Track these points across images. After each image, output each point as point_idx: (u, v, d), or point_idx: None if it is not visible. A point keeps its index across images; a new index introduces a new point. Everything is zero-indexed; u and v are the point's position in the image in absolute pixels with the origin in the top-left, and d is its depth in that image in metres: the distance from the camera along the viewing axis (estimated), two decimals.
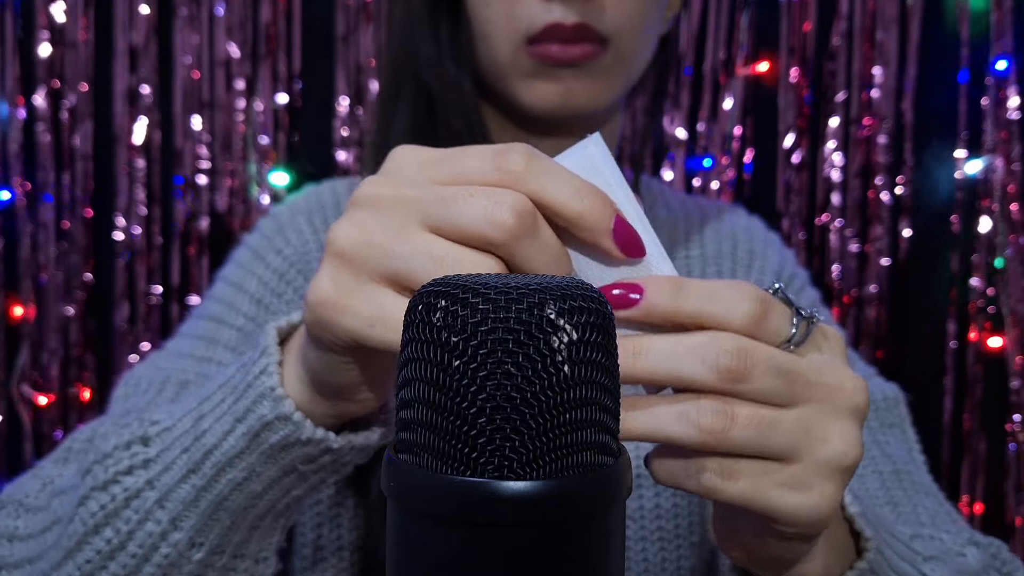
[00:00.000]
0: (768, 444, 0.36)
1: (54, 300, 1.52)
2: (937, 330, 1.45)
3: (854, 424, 0.38)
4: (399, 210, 0.37)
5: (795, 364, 0.37)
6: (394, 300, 0.37)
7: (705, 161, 1.48)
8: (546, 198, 0.36)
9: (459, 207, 0.36)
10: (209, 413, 0.46)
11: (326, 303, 0.37)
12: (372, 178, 0.39)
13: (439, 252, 0.36)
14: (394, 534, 0.29)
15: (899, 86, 1.44)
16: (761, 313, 0.37)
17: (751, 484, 0.36)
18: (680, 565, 0.71)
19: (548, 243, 0.37)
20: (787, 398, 0.37)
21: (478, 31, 0.67)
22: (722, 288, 0.37)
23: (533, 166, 0.37)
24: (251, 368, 0.45)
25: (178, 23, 1.50)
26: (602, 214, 0.37)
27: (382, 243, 0.37)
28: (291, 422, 0.43)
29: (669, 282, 0.37)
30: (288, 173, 1.52)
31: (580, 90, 0.65)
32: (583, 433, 0.28)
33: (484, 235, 0.36)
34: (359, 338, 0.37)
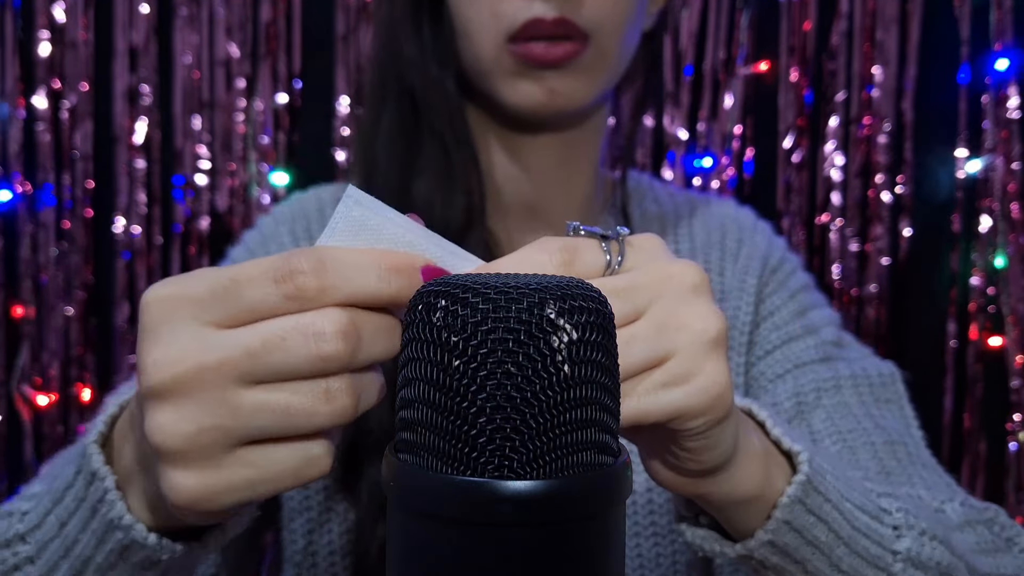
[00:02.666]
0: (636, 358, 0.37)
1: (54, 300, 1.52)
2: (937, 329, 1.45)
3: (702, 299, 0.39)
4: (210, 382, 0.34)
5: (622, 281, 0.38)
6: (260, 455, 0.35)
7: (705, 161, 1.48)
8: (356, 300, 0.35)
9: (277, 357, 0.34)
10: (69, 521, 0.45)
11: (199, 500, 0.35)
12: (151, 356, 0.34)
13: (282, 403, 0.34)
14: (394, 534, 0.29)
15: (899, 86, 1.44)
16: (570, 257, 0.38)
17: (638, 398, 0.37)
18: (675, 560, 0.71)
19: (379, 331, 0.35)
20: (633, 311, 0.38)
21: (460, 30, 0.67)
22: (528, 252, 0.38)
23: (324, 277, 0.34)
24: (88, 491, 0.43)
25: (178, 23, 1.50)
26: (411, 282, 0.35)
27: (216, 423, 0.34)
28: (147, 546, 0.41)
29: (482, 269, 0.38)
30: (288, 173, 1.52)
31: (563, 89, 0.65)
32: (583, 433, 0.28)
33: (317, 371, 0.34)
34: (246, 501, 0.36)
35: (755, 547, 0.45)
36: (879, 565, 0.47)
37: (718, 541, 0.47)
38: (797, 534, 0.45)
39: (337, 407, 0.34)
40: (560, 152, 0.72)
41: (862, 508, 0.48)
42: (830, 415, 0.68)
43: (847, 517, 0.47)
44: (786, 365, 0.72)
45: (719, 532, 0.48)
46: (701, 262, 0.78)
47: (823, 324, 0.76)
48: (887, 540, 0.48)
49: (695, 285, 0.39)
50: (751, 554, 0.46)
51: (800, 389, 0.70)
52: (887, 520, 0.49)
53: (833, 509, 0.46)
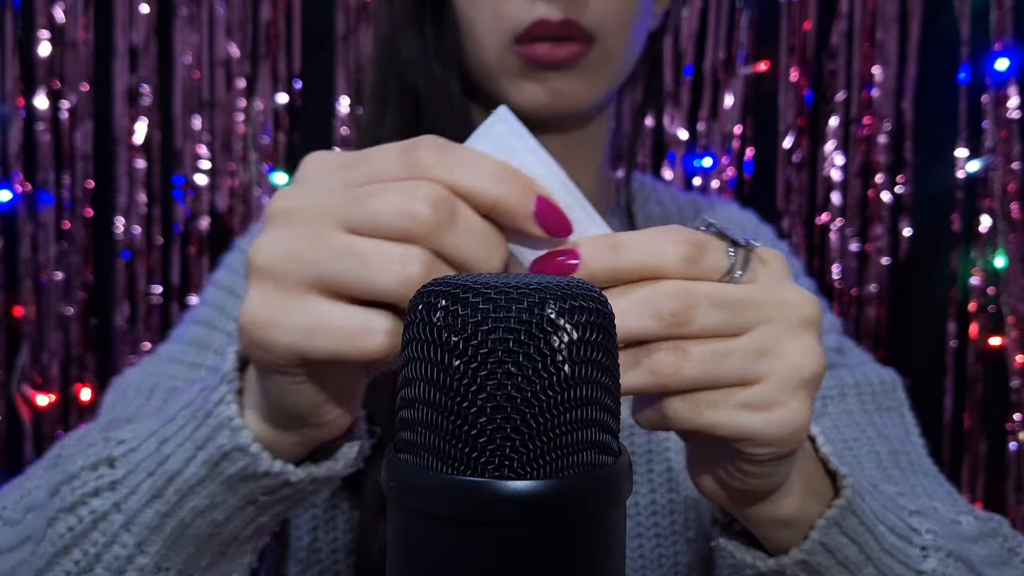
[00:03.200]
0: (724, 372, 0.37)
1: (54, 300, 1.52)
2: (937, 329, 1.45)
3: (809, 336, 0.38)
4: (314, 218, 0.36)
5: (737, 293, 0.37)
6: (328, 307, 0.36)
7: (705, 160, 1.48)
8: (460, 187, 0.36)
9: (373, 205, 0.35)
10: (172, 437, 0.45)
11: (257, 322, 0.36)
12: (283, 190, 0.38)
13: (361, 250, 0.35)
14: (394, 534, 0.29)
15: (899, 85, 1.44)
16: (696, 254, 0.37)
17: (715, 410, 0.37)
18: (677, 561, 0.71)
19: (471, 227, 0.36)
20: (737, 326, 0.37)
21: (464, 31, 0.66)
22: (655, 237, 0.37)
23: (443, 157, 0.36)
24: (210, 395, 0.44)
25: (178, 23, 1.50)
26: (521, 197, 0.36)
27: (302, 253, 0.36)
28: (248, 454, 0.42)
29: (603, 241, 0.37)
30: (288, 173, 1.52)
31: (568, 90, 0.65)
32: (583, 432, 0.28)
33: (402, 228, 0.35)
34: (299, 351, 0.36)
35: (788, 564, 0.45)
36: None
37: (749, 552, 0.47)
38: (830, 554, 0.45)
39: (408, 272, 0.35)
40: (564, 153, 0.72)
41: (893, 529, 0.48)
42: (835, 423, 0.68)
43: (878, 539, 0.47)
44: None
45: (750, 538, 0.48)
46: None
47: (825, 331, 0.76)
48: (914, 560, 0.48)
49: (807, 319, 0.38)
50: (783, 570, 0.46)
51: None
52: (916, 540, 0.49)
53: (867, 531, 0.46)
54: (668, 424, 0.38)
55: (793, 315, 0.38)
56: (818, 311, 0.39)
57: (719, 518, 0.50)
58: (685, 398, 0.37)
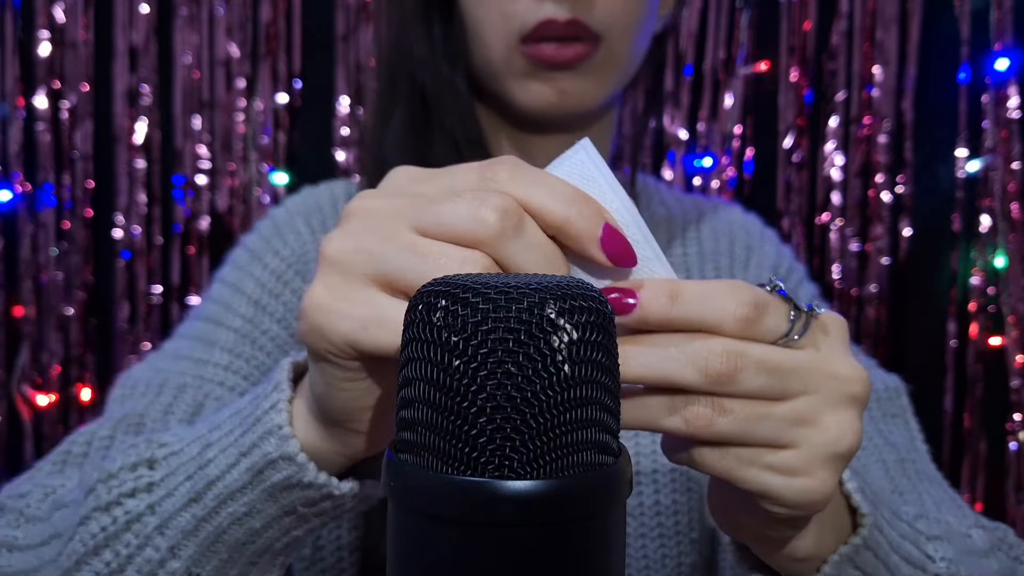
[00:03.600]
0: (757, 434, 0.37)
1: (54, 300, 1.52)
2: (937, 329, 1.45)
3: (851, 411, 0.38)
4: (388, 217, 0.37)
5: (788, 360, 0.37)
6: (387, 301, 0.37)
7: (705, 160, 1.48)
8: (531, 204, 0.37)
9: (444, 208, 0.36)
10: (216, 443, 0.45)
11: (319, 307, 0.37)
12: (366, 191, 0.40)
13: (425, 248, 0.36)
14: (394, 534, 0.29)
15: (899, 85, 1.44)
16: (755, 316, 0.37)
17: (742, 466, 0.37)
18: (680, 562, 0.71)
19: (536, 242, 0.37)
20: (780, 392, 0.37)
21: (471, 31, 0.67)
22: (717, 291, 0.37)
23: (517, 173, 0.37)
24: (261, 402, 0.44)
25: (178, 23, 1.50)
26: (589, 222, 0.37)
27: (370, 247, 0.37)
28: (295, 463, 0.42)
29: (664, 287, 0.37)
30: (288, 173, 1.52)
31: (574, 90, 0.65)
32: (583, 432, 0.28)
33: (469, 232, 0.36)
34: (353, 341, 0.37)
35: None
36: None
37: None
38: None
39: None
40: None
41: (908, 559, 0.48)
42: None
43: (891, 570, 0.47)
44: None
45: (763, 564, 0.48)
46: (710, 268, 0.77)
47: None
48: None
49: (854, 396, 0.38)
50: None
51: None
52: (930, 568, 0.49)
53: (880, 564, 0.46)
54: (695, 466, 0.39)
55: (840, 390, 0.38)
56: (867, 388, 0.39)
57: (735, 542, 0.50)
58: (715, 448, 0.38)
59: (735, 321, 0.37)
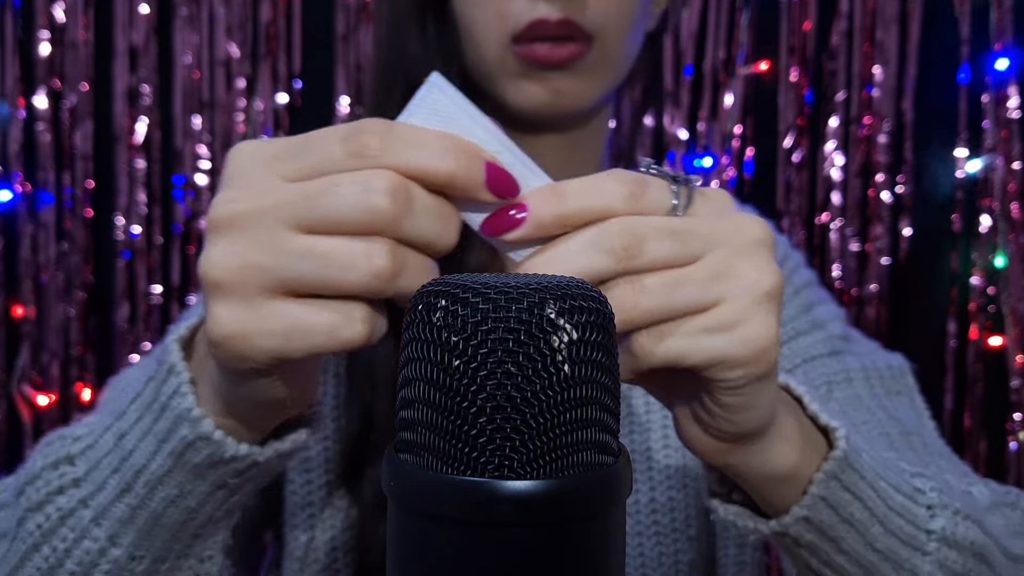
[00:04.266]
0: (682, 300, 0.37)
1: (54, 300, 1.52)
2: (937, 329, 1.45)
3: (761, 254, 0.39)
4: (265, 221, 0.35)
5: (685, 223, 0.38)
6: (299, 308, 0.36)
7: (705, 161, 1.48)
8: (411, 170, 0.36)
9: (328, 201, 0.35)
10: (130, 432, 0.45)
11: (233, 336, 0.36)
12: (222, 195, 0.37)
13: (323, 250, 0.35)
14: (394, 534, 0.29)
15: (899, 85, 1.44)
16: (638, 191, 0.38)
17: (679, 338, 0.37)
18: (677, 559, 0.71)
19: (429, 208, 0.36)
20: (688, 255, 0.38)
21: (464, 31, 0.67)
22: (597, 180, 0.38)
23: (389, 140, 0.36)
24: (162, 388, 0.44)
25: (178, 23, 1.50)
26: (470, 168, 0.36)
27: (260, 260, 0.35)
28: (212, 442, 0.42)
29: (548, 190, 0.38)
30: None
31: (568, 90, 0.65)
32: (583, 432, 0.28)
33: (364, 223, 0.35)
34: (281, 355, 0.36)
35: (790, 523, 0.44)
36: (913, 544, 0.47)
37: (751, 518, 0.46)
38: (832, 511, 0.44)
39: (376, 267, 0.35)
40: (564, 153, 0.72)
41: (897, 487, 0.47)
42: (843, 408, 0.68)
43: (882, 496, 0.46)
44: (795, 360, 0.72)
45: (752, 509, 0.47)
46: None
47: (829, 319, 0.76)
48: (921, 519, 0.48)
49: (758, 239, 0.39)
50: (786, 531, 0.45)
51: (811, 383, 0.70)
52: (921, 500, 0.48)
53: (868, 487, 0.45)
54: (637, 363, 0.38)
55: (742, 237, 0.38)
56: (767, 232, 0.39)
57: (716, 490, 0.49)
58: (649, 332, 0.38)
59: (622, 199, 0.37)
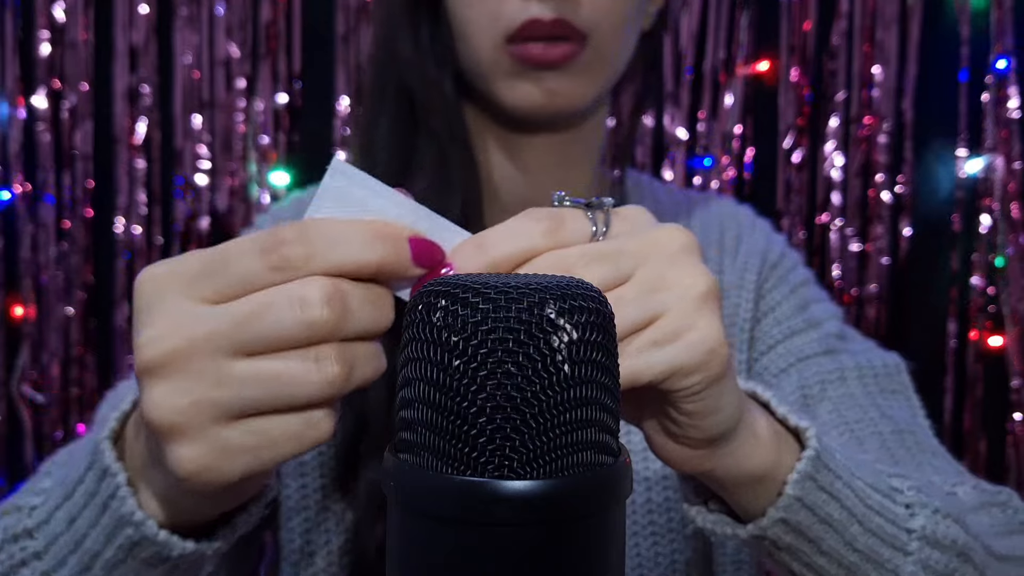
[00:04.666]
0: (625, 321, 0.37)
1: (54, 300, 1.52)
2: (937, 329, 1.45)
3: (688, 259, 0.39)
4: (200, 354, 0.34)
5: (608, 246, 0.38)
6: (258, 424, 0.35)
7: (705, 160, 1.48)
8: (340, 270, 0.35)
9: (264, 324, 0.34)
10: (79, 517, 0.45)
11: (200, 471, 0.35)
12: (144, 334, 0.35)
13: (270, 371, 0.34)
14: (394, 534, 0.29)
15: (899, 85, 1.44)
16: (555, 226, 0.38)
17: (630, 358, 0.37)
18: (674, 559, 0.71)
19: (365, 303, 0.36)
20: (620, 276, 0.38)
21: (458, 31, 0.66)
22: (513, 224, 0.38)
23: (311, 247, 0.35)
24: (99, 486, 0.43)
25: (178, 23, 1.50)
26: (397, 250, 0.36)
27: (206, 397, 0.34)
28: (157, 543, 0.41)
29: (469, 245, 0.38)
30: (288, 173, 1.52)
31: (562, 90, 0.65)
32: (583, 432, 0.28)
33: (304, 338, 0.34)
34: (252, 471, 0.36)
35: (768, 525, 0.44)
36: (895, 544, 0.47)
37: (730, 524, 0.46)
38: (809, 511, 0.44)
39: (328, 375, 0.35)
40: (558, 152, 0.72)
41: (874, 487, 0.47)
42: (836, 406, 0.68)
43: (859, 495, 0.46)
44: (789, 359, 0.72)
45: (730, 518, 0.48)
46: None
47: (825, 318, 0.76)
48: (901, 518, 0.47)
49: (682, 246, 0.39)
50: (764, 533, 0.45)
51: (805, 382, 0.70)
52: (899, 499, 0.48)
53: (845, 486, 0.45)
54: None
55: (667, 248, 0.39)
56: (690, 238, 0.40)
57: (693, 500, 0.49)
58: None
59: (542, 236, 0.38)
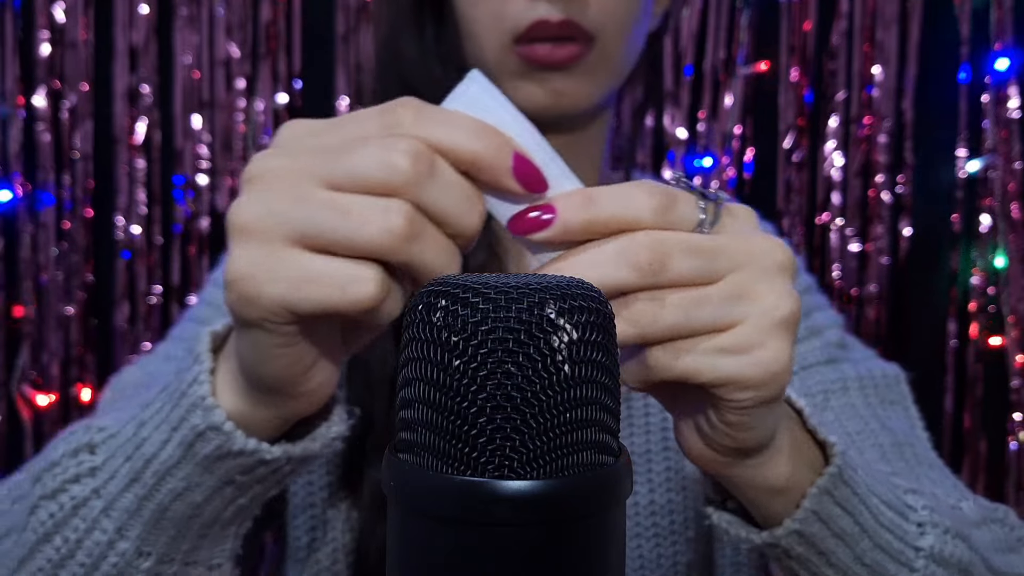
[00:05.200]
0: (701, 319, 0.37)
1: (54, 300, 1.52)
2: (937, 329, 1.45)
3: (782, 278, 0.39)
4: (294, 175, 0.36)
5: (710, 242, 0.38)
6: (313, 259, 0.36)
7: (705, 161, 1.48)
8: (439, 143, 0.37)
9: (352, 159, 0.36)
10: (149, 420, 0.45)
11: (245, 277, 0.36)
12: (260, 154, 0.38)
13: (343, 204, 0.36)
14: (395, 534, 0.29)
15: (899, 85, 1.44)
16: (667, 204, 0.38)
17: (694, 356, 0.37)
18: (676, 561, 0.71)
19: (451, 180, 0.37)
20: (711, 274, 0.38)
21: (464, 31, 0.66)
22: (628, 188, 0.38)
23: (422, 116, 0.37)
24: (185, 375, 0.44)
25: (178, 23, 1.50)
26: (498, 153, 0.37)
27: (284, 209, 0.36)
28: (222, 432, 0.42)
29: (578, 195, 0.38)
30: None
31: (568, 91, 0.65)
32: (583, 432, 0.28)
33: (383, 181, 0.35)
34: (288, 303, 0.36)
35: (782, 535, 0.45)
36: (901, 560, 0.47)
37: (744, 527, 0.47)
38: (824, 525, 0.45)
39: (391, 224, 0.35)
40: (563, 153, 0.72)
41: (889, 504, 0.48)
42: (838, 417, 0.68)
43: (873, 512, 0.46)
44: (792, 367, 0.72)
45: (745, 518, 0.48)
46: None
47: (827, 326, 0.76)
48: (911, 536, 0.48)
49: (779, 263, 0.39)
50: (777, 542, 0.45)
51: (807, 391, 0.70)
52: (912, 517, 0.49)
53: (860, 503, 0.46)
54: (650, 374, 0.38)
55: (765, 260, 0.39)
56: (789, 256, 0.40)
57: (713, 497, 0.49)
58: (665, 347, 0.38)
59: (651, 212, 0.37)
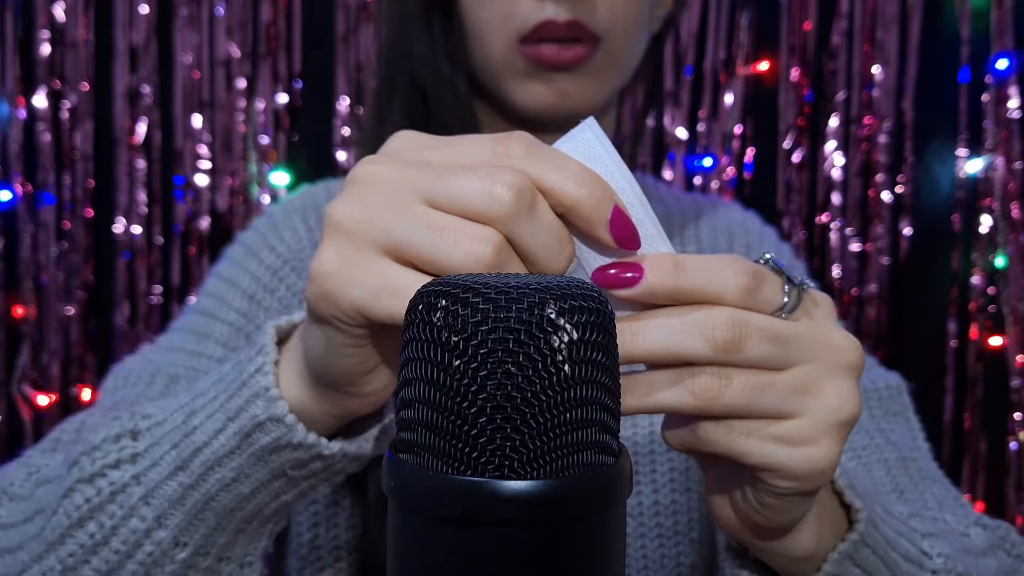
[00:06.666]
0: (762, 404, 0.37)
1: (54, 300, 1.52)
2: (938, 329, 1.45)
3: (850, 379, 0.39)
4: (398, 186, 0.37)
5: (787, 329, 0.38)
6: (398, 270, 0.37)
7: (705, 160, 1.48)
8: (544, 183, 0.37)
9: (458, 182, 0.36)
10: (201, 409, 0.45)
11: (329, 273, 0.37)
12: (370, 157, 0.39)
13: (439, 222, 0.36)
14: (394, 533, 0.29)
15: (899, 85, 1.44)
16: (754, 285, 0.38)
17: (748, 438, 0.38)
18: (680, 562, 0.71)
19: (548, 222, 0.37)
20: (782, 361, 0.38)
21: (471, 31, 0.66)
22: (717, 263, 0.38)
23: (532, 152, 0.37)
24: (246, 366, 0.44)
25: (178, 23, 1.50)
26: (599, 204, 0.37)
27: (382, 216, 0.37)
28: (283, 424, 0.42)
29: (667, 260, 0.38)
30: (288, 173, 1.52)
31: (573, 91, 0.65)
32: (583, 432, 0.28)
33: (483, 209, 0.36)
34: (364, 308, 0.37)
35: None
36: None
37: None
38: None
39: (477, 251, 0.35)
40: None
41: (906, 556, 0.48)
42: None
43: (891, 566, 0.47)
44: None
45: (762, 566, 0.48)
46: None
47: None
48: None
49: (850, 364, 0.39)
50: None
51: None
52: (927, 564, 0.49)
53: (879, 560, 0.46)
54: (699, 445, 0.39)
55: (838, 358, 0.39)
56: (861, 357, 0.39)
57: (732, 545, 0.50)
58: (720, 423, 0.38)
59: (736, 290, 0.37)
